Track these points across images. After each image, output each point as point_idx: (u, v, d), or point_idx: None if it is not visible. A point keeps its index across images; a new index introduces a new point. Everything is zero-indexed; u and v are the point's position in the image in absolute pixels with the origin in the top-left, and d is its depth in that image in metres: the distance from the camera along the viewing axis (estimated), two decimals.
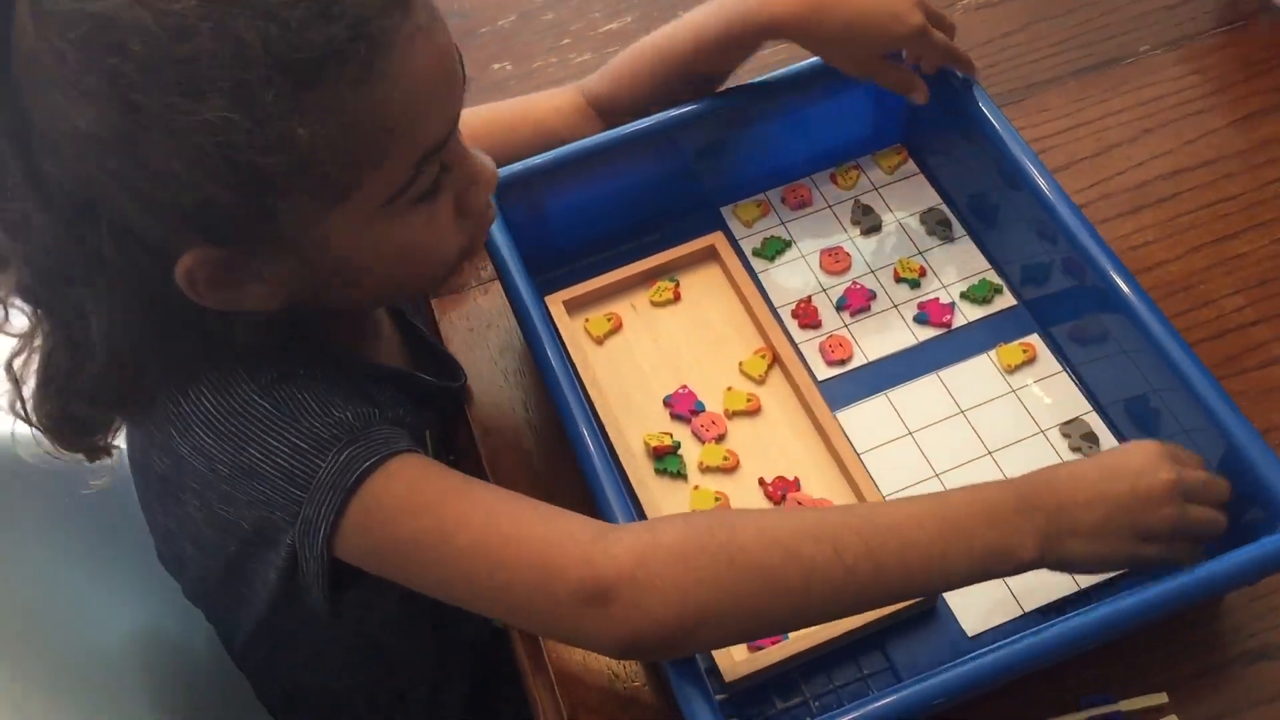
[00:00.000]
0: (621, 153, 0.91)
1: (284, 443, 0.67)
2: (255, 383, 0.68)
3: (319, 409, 0.67)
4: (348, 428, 0.67)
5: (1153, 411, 0.81)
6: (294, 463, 0.66)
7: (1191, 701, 0.73)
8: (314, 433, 0.67)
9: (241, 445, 0.67)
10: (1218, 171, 0.95)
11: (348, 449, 0.66)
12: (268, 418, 0.67)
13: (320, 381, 0.69)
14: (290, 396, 0.68)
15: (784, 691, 0.75)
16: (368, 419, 0.68)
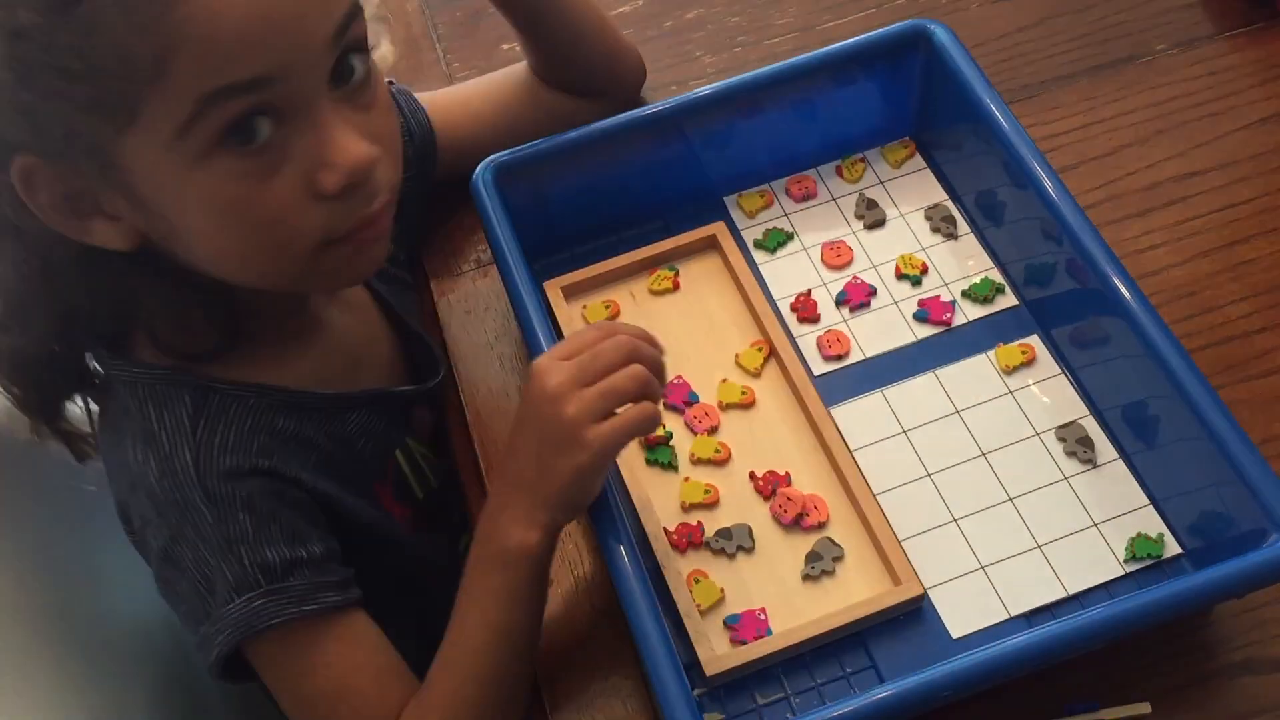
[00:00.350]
0: (625, 138, 0.91)
1: (209, 561, 0.70)
2: (201, 486, 0.70)
3: (253, 541, 0.70)
4: (270, 573, 0.70)
5: (1151, 418, 0.80)
6: (215, 583, 0.70)
7: (1174, 712, 0.72)
8: (240, 570, 0.70)
9: (176, 540, 0.70)
10: (1230, 175, 0.94)
11: (260, 599, 0.69)
12: (207, 532, 0.70)
13: (266, 495, 0.72)
14: (231, 515, 0.70)
15: (764, 687, 0.75)
16: (294, 564, 0.71)
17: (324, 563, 0.73)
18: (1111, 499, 0.79)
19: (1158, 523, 0.78)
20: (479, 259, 0.97)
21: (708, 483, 0.82)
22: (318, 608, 0.71)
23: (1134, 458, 0.81)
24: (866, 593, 0.77)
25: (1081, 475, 0.80)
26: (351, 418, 0.81)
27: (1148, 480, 0.80)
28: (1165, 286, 0.89)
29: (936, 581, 0.77)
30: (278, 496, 0.73)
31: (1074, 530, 0.78)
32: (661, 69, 1.06)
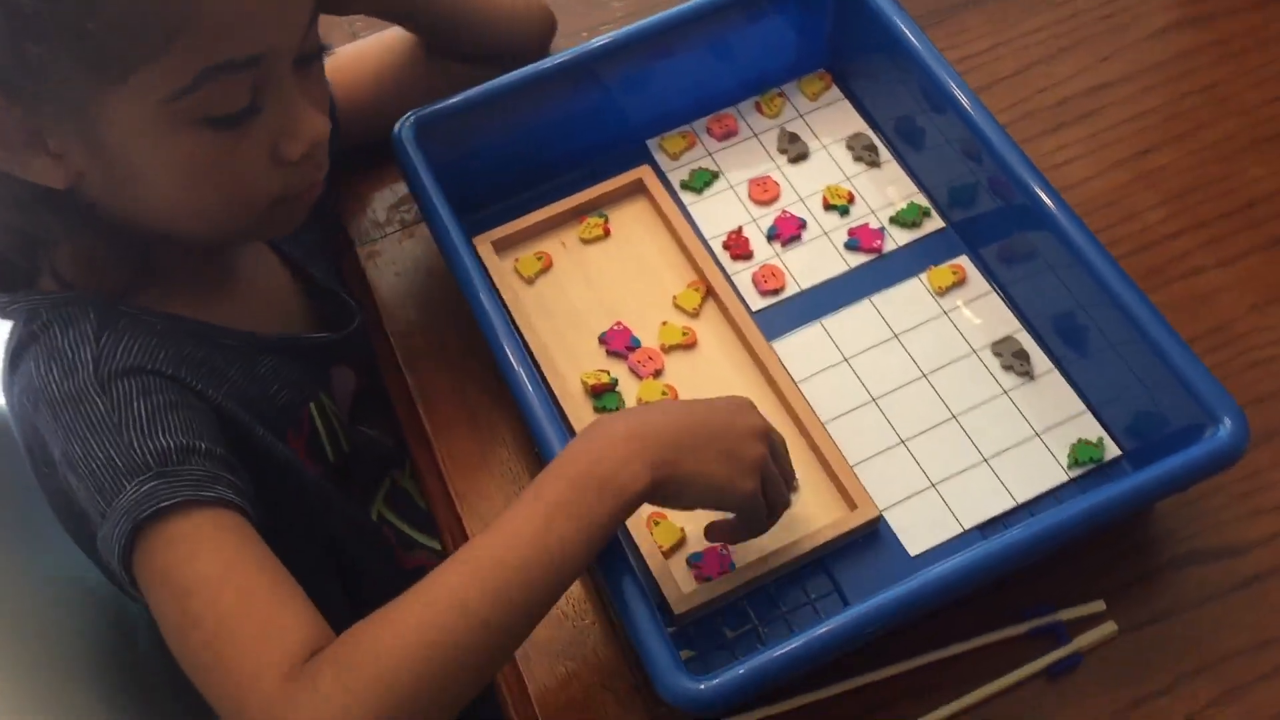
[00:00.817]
0: (542, 88, 0.90)
1: (102, 451, 0.66)
2: (97, 374, 0.67)
3: (147, 427, 0.67)
4: (162, 457, 0.66)
5: (1081, 327, 0.82)
6: (104, 475, 0.66)
7: (1128, 607, 0.75)
8: (129, 454, 0.66)
9: (69, 437, 0.67)
10: (1136, 86, 0.96)
11: (152, 481, 0.65)
12: (98, 420, 0.66)
13: (163, 390, 0.68)
14: (125, 403, 0.67)
15: (733, 620, 0.76)
16: (188, 451, 0.67)
17: (223, 462, 0.68)
18: (1050, 409, 0.81)
19: (1096, 428, 0.80)
20: (403, 219, 0.96)
21: None
22: (216, 496, 0.65)
23: (1068, 367, 0.83)
24: (824, 520, 0.78)
25: (1020, 388, 0.82)
26: (264, 360, 0.79)
27: (1083, 388, 0.82)
28: (1083, 199, 0.91)
29: (890, 503, 0.79)
30: (179, 395, 0.69)
31: (1017, 442, 0.80)
32: (572, 16, 1.04)
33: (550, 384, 0.84)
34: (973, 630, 0.74)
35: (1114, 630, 0.74)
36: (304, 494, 0.81)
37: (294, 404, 0.81)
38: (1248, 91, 0.95)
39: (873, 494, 0.78)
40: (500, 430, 0.85)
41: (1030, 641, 0.74)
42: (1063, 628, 0.74)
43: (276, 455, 0.77)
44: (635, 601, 0.69)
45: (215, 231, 0.74)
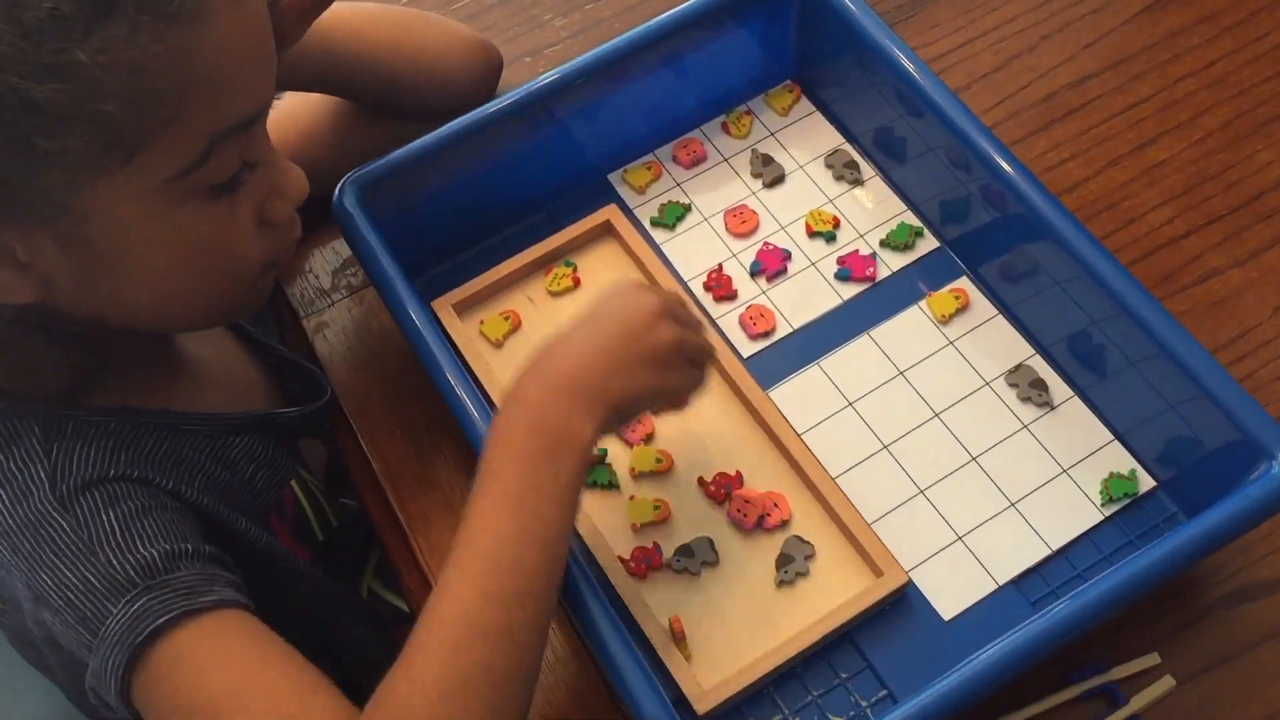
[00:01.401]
0: (491, 133, 0.82)
1: (76, 576, 0.59)
2: (55, 492, 0.60)
3: (122, 540, 0.59)
4: (147, 569, 0.59)
5: (1097, 347, 0.76)
6: (85, 602, 0.59)
7: (1182, 656, 0.70)
8: (109, 572, 0.59)
9: (35, 568, 0.59)
10: (1124, 74, 0.90)
11: (142, 598, 0.58)
12: (64, 542, 0.59)
13: (132, 495, 0.61)
14: (92, 517, 0.60)
15: (760, 712, 0.70)
16: (175, 557, 0.60)
17: (214, 560, 0.62)
18: (1076, 440, 0.76)
19: (1127, 458, 0.75)
20: (350, 283, 0.88)
21: (655, 498, 0.75)
22: (216, 599, 0.59)
23: (1089, 392, 0.77)
24: (846, 589, 0.72)
25: (1041, 420, 0.77)
26: (235, 442, 0.72)
27: (1108, 414, 0.76)
28: (1082, 203, 0.85)
29: (916, 562, 0.73)
30: (151, 498, 0.63)
31: (1045, 481, 0.75)
32: (509, 39, 0.97)
33: None
34: (1019, 699, 0.69)
35: (1172, 685, 0.69)
36: (293, 583, 0.74)
37: (272, 485, 0.74)
38: (1244, 69, 0.89)
39: (895, 553, 0.72)
40: None
41: (1083, 706, 0.69)
42: (1117, 688, 0.69)
43: (262, 546, 0.70)
44: (652, 707, 0.63)
45: (201, 316, 0.68)
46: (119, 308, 0.63)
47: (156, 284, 0.62)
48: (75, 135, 0.53)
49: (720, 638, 0.71)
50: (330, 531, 0.81)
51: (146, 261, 0.60)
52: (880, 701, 0.69)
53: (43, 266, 0.58)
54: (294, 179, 0.65)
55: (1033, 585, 0.72)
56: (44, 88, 0.51)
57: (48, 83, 0.51)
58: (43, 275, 0.58)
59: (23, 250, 0.57)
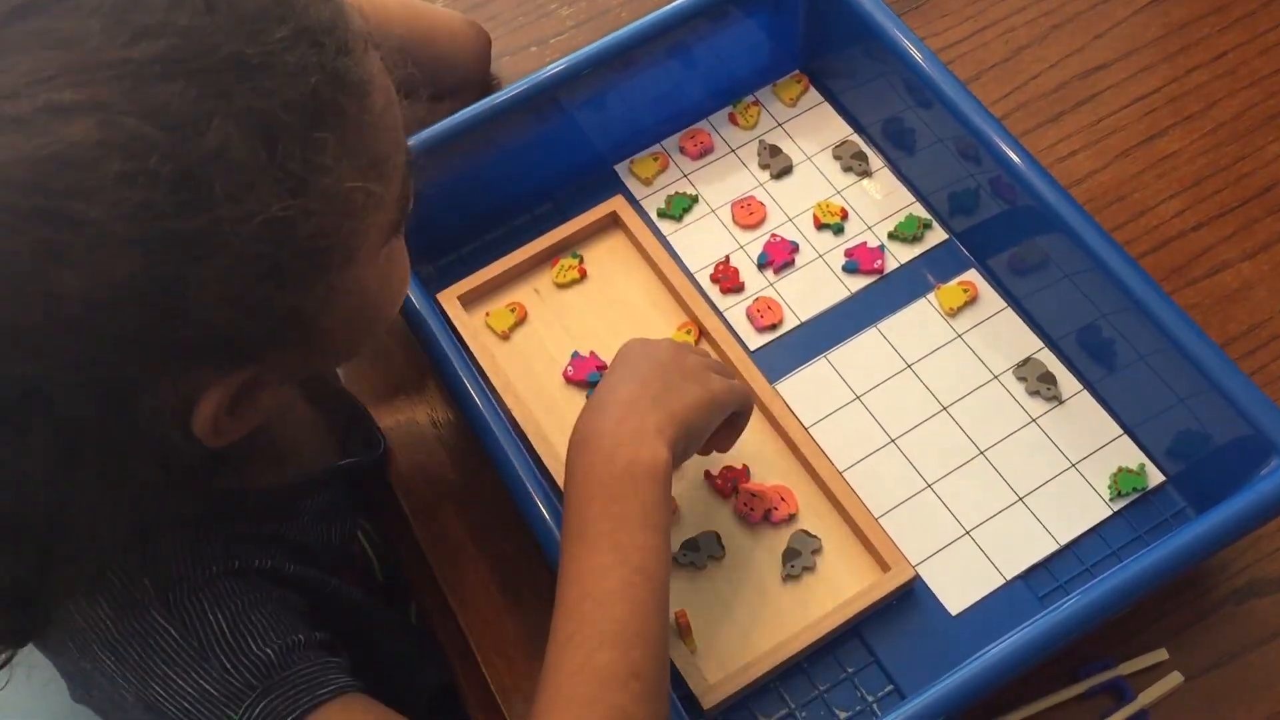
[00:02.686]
0: (498, 124, 0.81)
1: (191, 684, 0.57)
2: (160, 600, 0.58)
3: (233, 641, 0.58)
4: (264, 670, 0.57)
5: (1106, 341, 0.76)
6: (203, 711, 0.57)
7: (1191, 652, 0.69)
8: (224, 678, 0.57)
9: (144, 677, 0.57)
10: (1135, 65, 0.89)
11: (263, 701, 0.56)
12: (174, 650, 0.57)
13: (238, 591, 0.59)
14: (200, 620, 0.58)
15: (767, 706, 0.69)
16: (290, 651, 0.58)
17: (325, 646, 0.61)
18: (1085, 435, 0.75)
19: (1136, 453, 0.74)
20: None
21: None
22: (336, 688, 0.58)
23: (1099, 386, 0.77)
24: (853, 583, 0.72)
25: (1049, 414, 0.76)
26: (304, 505, 0.70)
27: (1117, 408, 0.76)
28: (1092, 195, 0.84)
29: (923, 557, 0.72)
30: (254, 590, 0.61)
31: (1053, 475, 0.74)
32: (515, 29, 0.96)
33: (539, 451, 0.76)
34: (1026, 694, 0.68)
35: (1180, 681, 0.68)
36: (382, 630, 0.74)
37: (343, 540, 0.73)
38: (1256, 60, 0.88)
39: (902, 548, 0.72)
40: (492, 515, 0.77)
41: (1091, 701, 0.68)
42: (1125, 683, 0.68)
43: (352, 601, 0.69)
44: None
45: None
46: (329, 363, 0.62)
47: (365, 332, 0.60)
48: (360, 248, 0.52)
49: (726, 632, 0.71)
50: (388, 570, 0.80)
51: (368, 318, 0.58)
52: (887, 696, 0.69)
53: (293, 371, 0.56)
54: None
55: (1040, 580, 0.71)
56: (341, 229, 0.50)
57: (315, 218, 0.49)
58: (291, 378, 0.57)
59: (281, 371, 0.54)
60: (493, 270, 0.83)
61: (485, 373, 0.79)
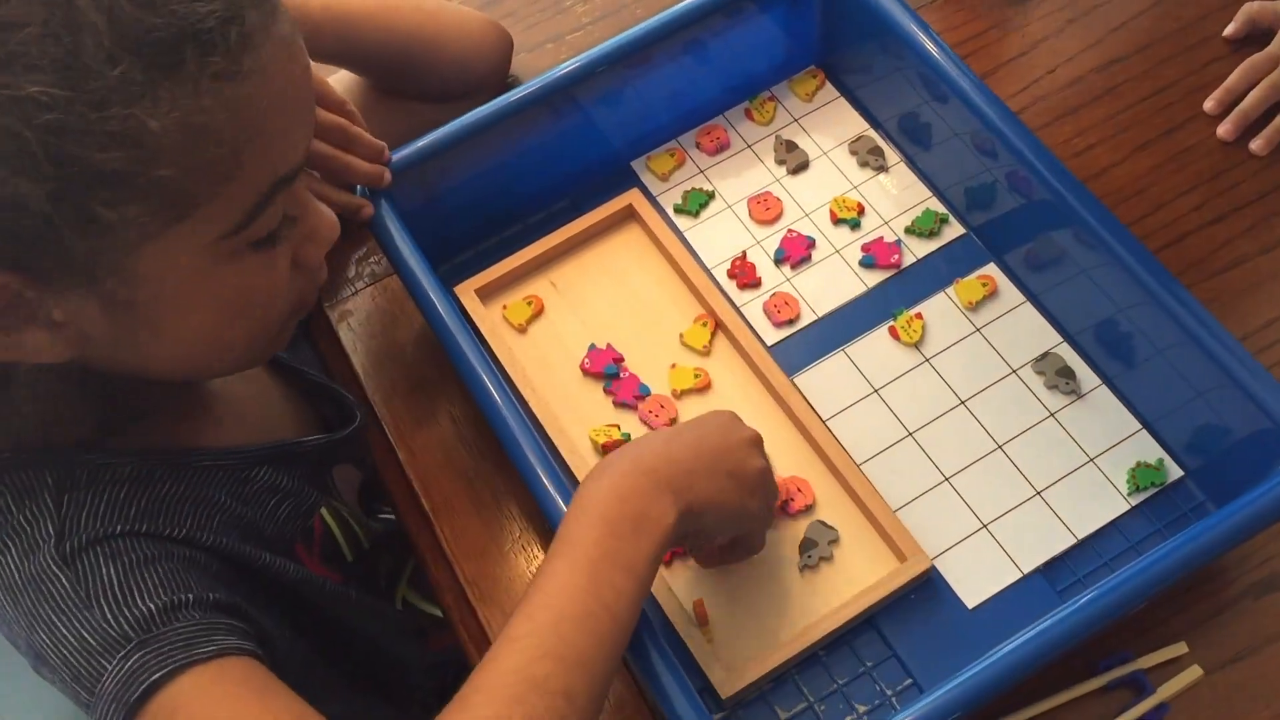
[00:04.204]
0: (514, 121, 0.81)
1: (72, 633, 0.57)
2: (59, 550, 0.59)
3: (119, 593, 0.58)
4: (143, 623, 0.57)
5: (1124, 335, 0.75)
6: (79, 660, 0.57)
7: (1210, 644, 0.69)
8: (104, 628, 0.57)
9: (32, 624, 0.58)
10: (1152, 58, 0.89)
11: (136, 654, 0.56)
12: (62, 598, 0.58)
13: (137, 547, 0.60)
14: (93, 570, 0.58)
15: (785, 698, 0.70)
16: (174, 609, 0.58)
17: (218, 607, 0.60)
18: (1103, 429, 0.75)
19: (1155, 447, 0.74)
20: (373, 271, 0.88)
21: None
22: (215, 649, 0.57)
23: (1117, 381, 0.77)
24: (870, 574, 0.72)
25: (1068, 409, 0.76)
26: (256, 475, 0.71)
27: (1136, 403, 0.76)
28: (1109, 189, 0.84)
29: (940, 549, 0.72)
30: (156, 549, 0.61)
31: (1071, 470, 0.74)
32: (531, 25, 0.96)
33: (556, 444, 0.77)
34: (1045, 688, 0.68)
35: (1199, 674, 0.68)
36: (327, 607, 0.73)
37: (297, 516, 0.73)
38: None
39: (919, 540, 0.72)
40: (506, 503, 0.77)
41: (1110, 695, 0.68)
42: (1144, 677, 0.68)
43: (290, 577, 0.69)
44: (676, 694, 0.63)
45: (231, 365, 0.66)
46: (153, 361, 0.61)
47: (193, 338, 0.60)
48: (135, 202, 0.51)
49: (744, 622, 0.71)
50: (360, 551, 0.80)
51: (187, 317, 0.59)
52: (905, 690, 0.69)
53: (80, 326, 0.56)
54: (328, 223, 0.63)
55: (1059, 574, 0.71)
56: (108, 155, 0.49)
57: (112, 150, 0.49)
58: (79, 334, 0.57)
59: (60, 311, 0.55)
60: (510, 264, 0.83)
61: (502, 365, 0.79)
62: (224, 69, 0.51)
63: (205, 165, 0.52)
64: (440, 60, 0.85)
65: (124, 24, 0.48)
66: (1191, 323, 0.70)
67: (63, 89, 0.48)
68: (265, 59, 0.53)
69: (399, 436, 0.80)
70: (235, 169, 0.54)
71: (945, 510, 0.74)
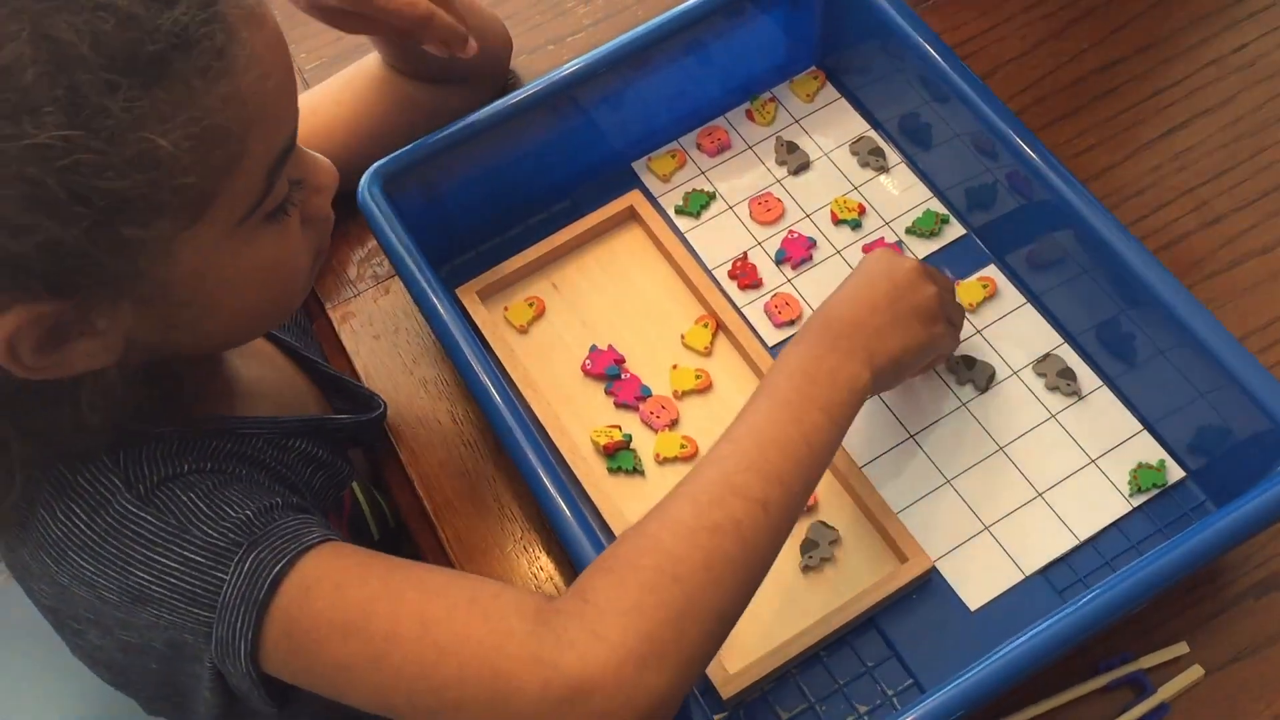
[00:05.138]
0: (517, 122, 0.81)
1: (175, 559, 0.58)
2: (132, 492, 0.59)
3: (210, 512, 0.58)
4: (247, 528, 0.58)
5: (1126, 336, 0.76)
6: (192, 581, 0.57)
7: (1211, 645, 0.69)
8: (209, 542, 0.58)
9: (125, 568, 0.58)
10: (1153, 58, 0.89)
11: (251, 554, 0.57)
12: (153, 533, 0.58)
13: (208, 476, 0.60)
14: (175, 501, 0.59)
15: (786, 699, 0.70)
16: (269, 511, 0.59)
17: (303, 509, 0.62)
18: (1104, 430, 0.75)
19: (1156, 449, 0.74)
20: (375, 274, 0.88)
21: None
22: (320, 536, 0.59)
23: (1118, 382, 0.77)
24: (871, 575, 0.72)
25: (1069, 410, 0.76)
26: (292, 444, 0.71)
27: (1137, 404, 0.76)
28: (1111, 188, 0.84)
29: (942, 551, 0.72)
30: (228, 476, 0.62)
31: (1072, 471, 0.74)
32: (532, 27, 0.96)
33: (558, 445, 0.77)
34: (1046, 688, 0.68)
35: (1200, 674, 0.68)
36: None
37: (330, 487, 0.74)
38: (1275, 52, 0.88)
39: (921, 542, 0.72)
40: (508, 504, 0.77)
41: (1111, 695, 0.68)
42: (1145, 677, 0.68)
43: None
44: None
45: (265, 325, 0.68)
46: (192, 339, 0.61)
47: (229, 312, 0.61)
48: (162, 215, 0.52)
49: (744, 622, 0.69)
50: (386, 531, 0.81)
51: (221, 299, 0.59)
52: (906, 690, 0.69)
53: (123, 328, 0.56)
54: (325, 169, 0.64)
55: (1060, 575, 0.71)
56: (129, 181, 0.50)
57: (132, 175, 0.50)
58: (124, 336, 0.57)
59: (104, 321, 0.55)
60: (511, 265, 0.83)
61: (504, 366, 0.79)
62: (216, 66, 0.52)
63: (218, 162, 0.53)
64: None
65: (111, 48, 0.49)
66: (1192, 323, 0.70)
67: (73, 129, 0.48)
68: (248, 42, 0.53)
69: (401, 437, 0.80)
70: (243, 155, 0.54)
71: (947, 512, 0.74)
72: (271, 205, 0.58)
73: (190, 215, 0.54)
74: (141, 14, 0.49)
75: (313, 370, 0.79)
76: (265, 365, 0.76)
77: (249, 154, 0.55)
